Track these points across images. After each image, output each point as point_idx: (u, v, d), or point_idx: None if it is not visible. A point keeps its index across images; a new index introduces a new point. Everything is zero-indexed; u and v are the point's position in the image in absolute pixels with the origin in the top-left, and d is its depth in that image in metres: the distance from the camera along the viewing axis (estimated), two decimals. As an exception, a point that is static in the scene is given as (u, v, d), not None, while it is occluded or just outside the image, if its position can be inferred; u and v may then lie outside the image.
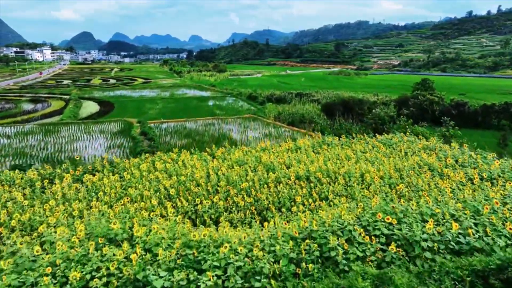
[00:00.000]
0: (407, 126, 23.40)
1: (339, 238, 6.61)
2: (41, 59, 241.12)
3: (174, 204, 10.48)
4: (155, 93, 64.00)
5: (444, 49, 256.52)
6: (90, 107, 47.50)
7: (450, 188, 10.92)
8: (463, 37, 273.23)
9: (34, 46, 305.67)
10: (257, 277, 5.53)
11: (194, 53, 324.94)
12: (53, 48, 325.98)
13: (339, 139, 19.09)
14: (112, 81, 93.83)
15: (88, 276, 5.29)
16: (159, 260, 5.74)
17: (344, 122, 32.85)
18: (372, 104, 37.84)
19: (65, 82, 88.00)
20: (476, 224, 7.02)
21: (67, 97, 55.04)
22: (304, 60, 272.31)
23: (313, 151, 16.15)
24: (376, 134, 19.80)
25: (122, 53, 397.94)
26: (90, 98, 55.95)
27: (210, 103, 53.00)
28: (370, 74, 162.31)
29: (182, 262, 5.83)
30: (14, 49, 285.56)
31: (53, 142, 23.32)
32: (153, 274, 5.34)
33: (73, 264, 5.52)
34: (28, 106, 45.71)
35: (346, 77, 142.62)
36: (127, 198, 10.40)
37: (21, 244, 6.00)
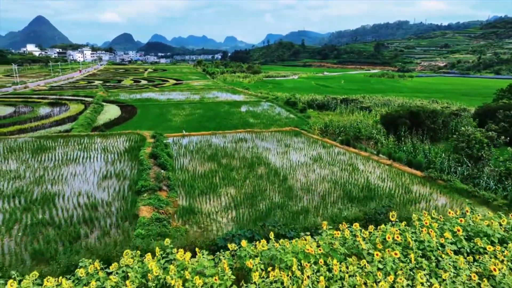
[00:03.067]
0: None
1: None
2: (81, 60, 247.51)
3: None
4: (184, 96, 58.71)
5: (497, 49, 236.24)
6: (110, 112, 42.71)
7: None
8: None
9: (76, 47, 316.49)
10: None
11: (229, 54, 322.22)
12: (94, 49, 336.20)
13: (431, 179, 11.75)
14: (143, 82, 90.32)
15: None
16: None
17: (417, 142, 25.13)
18: (447, 116, 29.72)
19: (96, 82, 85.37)
20: None
21: (90, 99, 50.83)
22: (341, 61, 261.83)
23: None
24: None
25: (159, 54, 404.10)
26: (114, 101, 51.48)
27: (243, 109, 46.67)
28: (416, 77, 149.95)
29: None
30: (58, 50, 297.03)
31: (36, 167, 17.66)
32: None
33: None
34: (44, 111, 41.56)
35: (390, 80, 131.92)
36: None
37: None
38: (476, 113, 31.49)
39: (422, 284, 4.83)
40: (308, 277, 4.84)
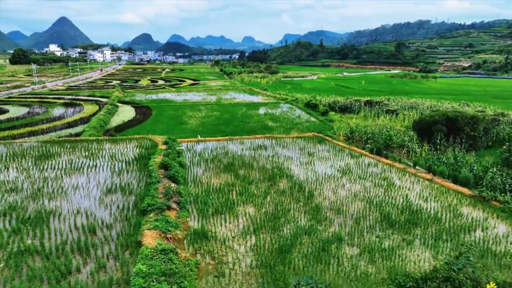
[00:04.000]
0: None
1: None
2: (101, 60, 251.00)
3: None
4: (200, 97, 57.12)
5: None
6: (124, 114, 41.42)
7: None
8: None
9: (96, 47, 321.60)
10: None
11: (246, 54, 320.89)
12: (113, 49, 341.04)
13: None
14: (160, 82, 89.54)
15: None
16: None
17: (458, 152, 22.42)
18: (489, 122, 26.79)
19: (114, 82, 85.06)
20: None
21: (106, 100, 49.84)
22: (360, 61, 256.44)
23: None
24: None
25: (178, 54, 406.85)
26: (129, 102, 50.35)
27: (261, 111, 44.59)
28: (440, 77, 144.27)
29: None
30: (79, 50, 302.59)
31: (36, 177, 16.08)
32: None
33: None
34: (58, 112, 40.60)
35: (412, 81, 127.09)
36: None
37: None
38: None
39: None
40: None
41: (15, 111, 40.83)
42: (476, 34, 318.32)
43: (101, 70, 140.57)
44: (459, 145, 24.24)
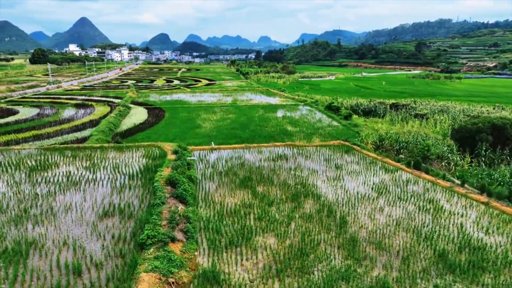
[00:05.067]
0: None
1: None
2: (119, 59, 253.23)
3: None
4: (216, 98, 54.97)
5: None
6: (137, 116, 39.59)
7: None
8: None
9: (115, 47, 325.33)
10: None
11: (263, 54, 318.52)
12: (131, 48, 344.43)
13: None
14: (175, 82, 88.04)
15: None
16: None
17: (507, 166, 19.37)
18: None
19: (129, 82, 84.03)
20: None
21: (119, 101, 48.26)
22: (379, 61, 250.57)
23: None
24: None
25: (194, 54, 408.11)
26: (143, 103, 48.61)
27: (279, 114, 42.05)
28: (464, 78, 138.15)
29: None
30: (97, 49, 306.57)
31: (27, 193, 14.05)
32: None
33: None
34: (68, 113, 39.08)
35: (436, 81, 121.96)
36: None
37: None
38: None
39: None
40: None
41: (25, 112, 39.54)
42: (502, 33, 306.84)
43: (120, 69, 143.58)
44: (508, 158, 21.14)
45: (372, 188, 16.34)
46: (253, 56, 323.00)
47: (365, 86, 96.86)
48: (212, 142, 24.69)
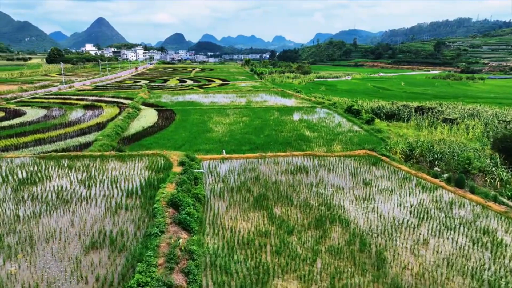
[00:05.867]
0: None
1: None
2: (134, 59, 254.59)
3: None
4: (229, 100, 52.85)
5: None
6: (146, 118, 37.79)
7: None
8: None
9: (130, 47, 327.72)
10: None
11: (277, 54, 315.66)
12: (146, 48, 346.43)
13: None
14: (189, 82, 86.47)
15: None
16: None
17: None
18: None
19: (142, 82, 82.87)
20: None
21: (129, 102, 46.66)
22: (396, 61, 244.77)
23: None
24: None
25: (209, 53, 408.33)
26: (153, 105, 46.89)
27: (296, 117, 39.62)
28: (488, 79, 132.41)
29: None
30: (113, 49, 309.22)
31: (8, 214, 12.10)
32: None
33: None
34: (75, 115, 37.58)
35: (458, 82, 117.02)
36: None
37: None
38: None
39: None
40: None
41: (32, 113, 38.22)
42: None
43: (136, 68, 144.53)
44: None
45: (410, 212, 13.81)
46: (268, 56, 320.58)
47: (383, 87, 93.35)
48: (224, 151, 22.47)
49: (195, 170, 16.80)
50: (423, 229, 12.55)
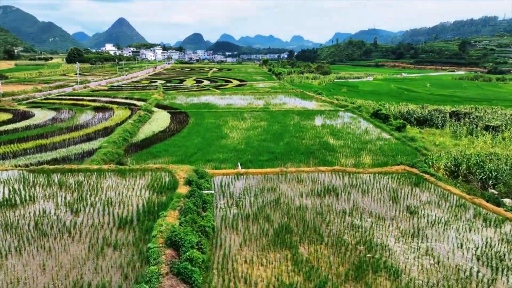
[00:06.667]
0: None
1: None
2: (152, 58, 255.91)
3: None
4: (246, 102, 50.19)
5: None
6: (158, 122, 35.57)
7: None
8: None
9: (149, 47, 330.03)
10: None
11: (295, 53, 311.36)
12: (165, 48, 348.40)
13: None
14: (205, 82, 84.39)
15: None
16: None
17: None
18: None
19: (158, 82, 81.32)
20: None
21: (142, 104, 44.62)
22: (418, 61, 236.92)
23: None
24: None
25: (227, 53, 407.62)
26: (167, 107, 44.72)
27: (318, 121, 36.56)
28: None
29: None
30: (132, 49, 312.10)
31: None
32: None
33: None
34: (84, 118, 35.66)
35: (487, 84, 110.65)
36: None
37: None
38: None
39: None
40: None
41: (40, 116, 36.56)
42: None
43: (155, 67, 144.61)
44: None
45: (478, 259, 10.66)
46: (286, 56, 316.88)
47: (408, 88, 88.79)
48: (239, 164, 19.71)
49: (204, 192, 14.10)
50: (501, 286, 9.42)
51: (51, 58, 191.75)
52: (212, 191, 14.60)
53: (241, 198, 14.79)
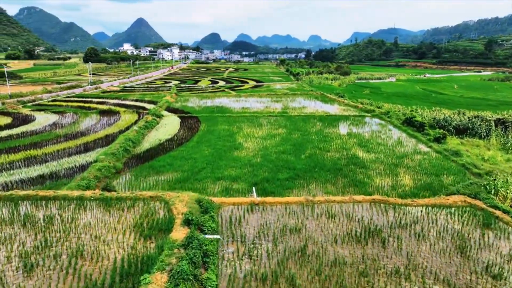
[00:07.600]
0: None
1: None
2: (169, 58, 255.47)
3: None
4: (263, 105, 46.61)
5: None
6: (166, 128, 32.44)
7: None
8: None
9: (167, 46, 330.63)
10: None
11: (313, 53, 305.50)
12: (182, 47, 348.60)
13: None
14: (220, 83, 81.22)
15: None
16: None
17: None
18: None
19: (172, 83, 78.72)
20: None
21: (152, 107, 41.70)
22: (441, 61, 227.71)
23: None
24: None
25: (244, 53, 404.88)
26: (178, 110, 41.66)
27: (343, 129, 32.63)
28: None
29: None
30: (149, 48, 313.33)
31: None
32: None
33: None
34: (87, 124, 32.85)
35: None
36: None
37: None
38: None
39: None
40: None
41: (41, 120, 33.96)
42: None
43: (172, 67, 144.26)
44: None
45: None
46: (303, 56, 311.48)
47: (435, 90, 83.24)
48: (254, 191, 16.07)
49: (207, 236, 10.58)
50: None
51: (69, 58, 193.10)
52: (218, 236, 11.05)
53: (255, 244, 11.20)
